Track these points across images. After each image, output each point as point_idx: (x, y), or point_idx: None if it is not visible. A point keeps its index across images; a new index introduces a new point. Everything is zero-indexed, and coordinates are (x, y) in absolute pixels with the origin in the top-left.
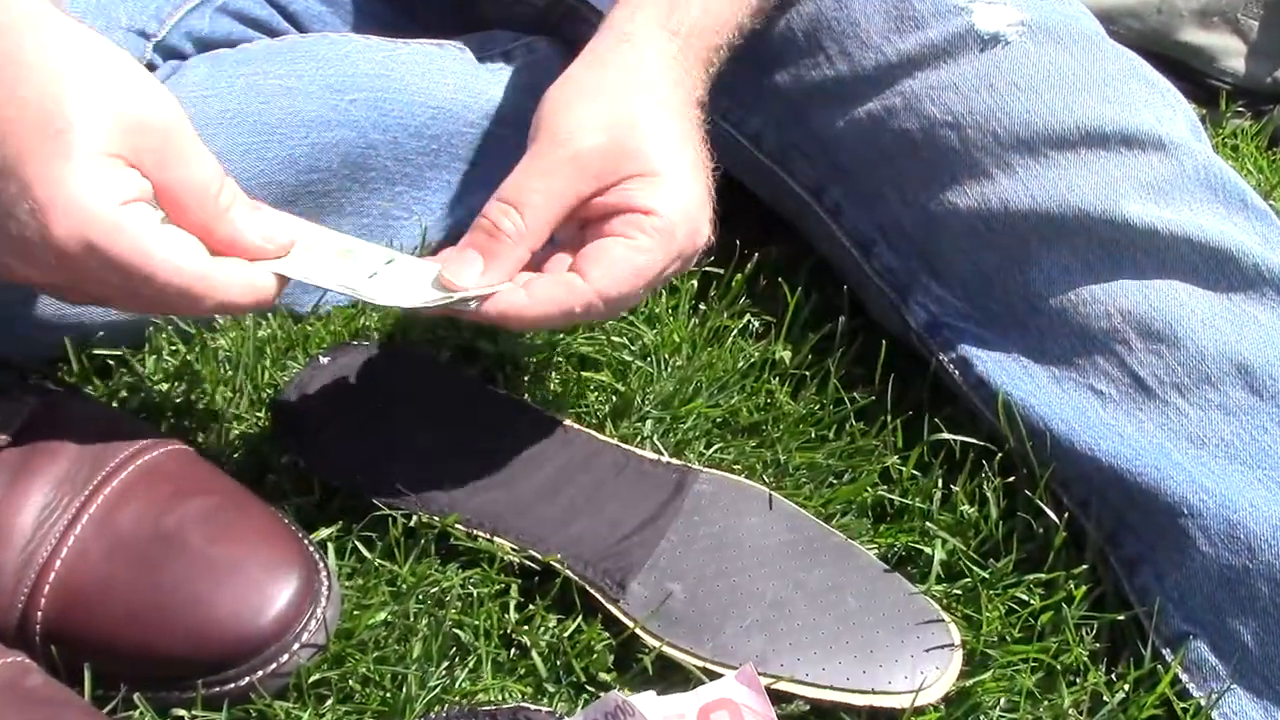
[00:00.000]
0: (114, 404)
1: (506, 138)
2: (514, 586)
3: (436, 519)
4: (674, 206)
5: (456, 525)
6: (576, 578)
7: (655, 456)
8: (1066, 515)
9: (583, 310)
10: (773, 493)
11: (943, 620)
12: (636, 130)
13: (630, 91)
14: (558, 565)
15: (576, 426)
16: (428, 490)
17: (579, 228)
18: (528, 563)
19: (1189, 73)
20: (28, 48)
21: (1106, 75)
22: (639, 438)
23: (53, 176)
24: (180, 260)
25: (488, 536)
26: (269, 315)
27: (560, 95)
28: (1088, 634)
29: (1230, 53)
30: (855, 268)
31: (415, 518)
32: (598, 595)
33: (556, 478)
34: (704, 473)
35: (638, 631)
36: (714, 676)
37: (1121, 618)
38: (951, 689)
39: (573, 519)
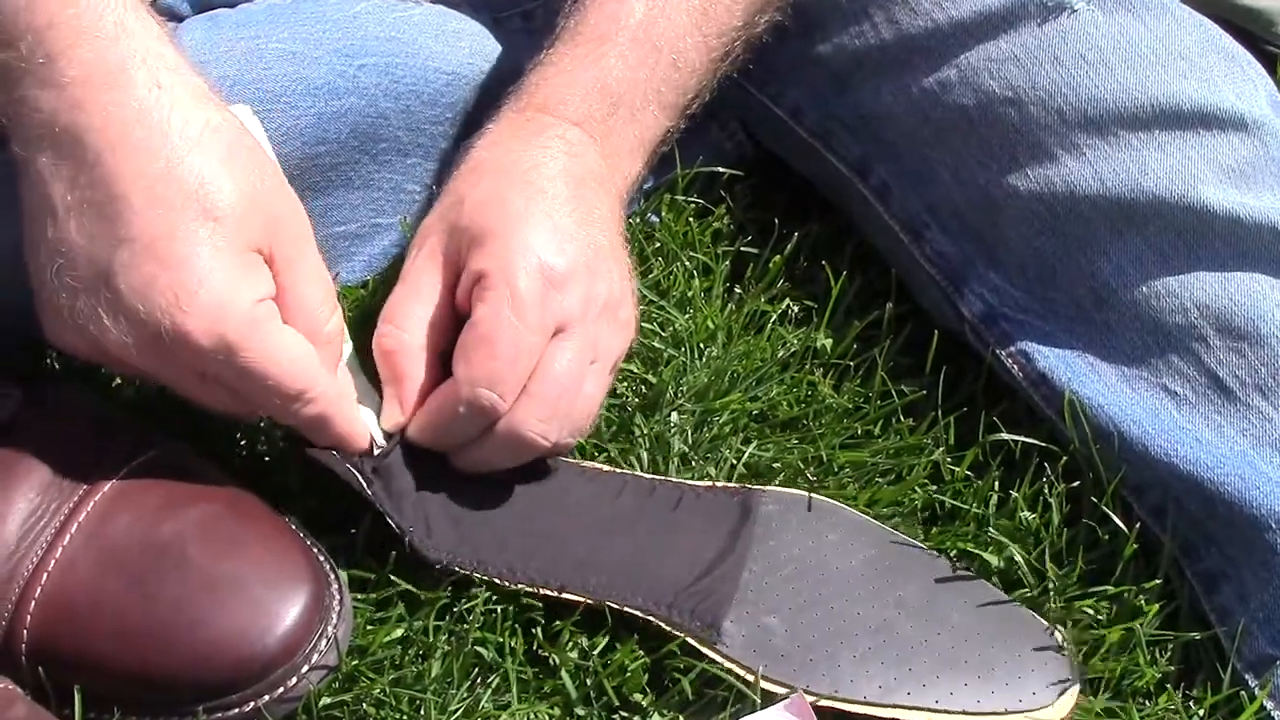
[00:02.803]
0: (106, 397)
1: None
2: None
3: (498, 580)
4: (503, 261)
5: (520, 586)
6: (662, 623)
7: (709, 484)
8: (1138, 525)
9: (470, 408)
10: (841, 504)
11: (1043, 625)
12: (463, 204)
13: (474, 175)
14: (639, 614)
15: (620, 471)
16: (481, 553)
17: None
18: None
19: (1245, 38)
20: (176, 124)
21: (1183, 47)
22: (670, 432)
23: (200, 265)
24: (305, 370)
25: (555, 593)
26: None
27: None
28: (1161, 654)
29: None
30: (904, 253)
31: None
32: (691, 640)
33: (613, 526)
34: (767, 491)
35: (742, 673)
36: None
37: (1198, 636)
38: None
39: (642, 563)
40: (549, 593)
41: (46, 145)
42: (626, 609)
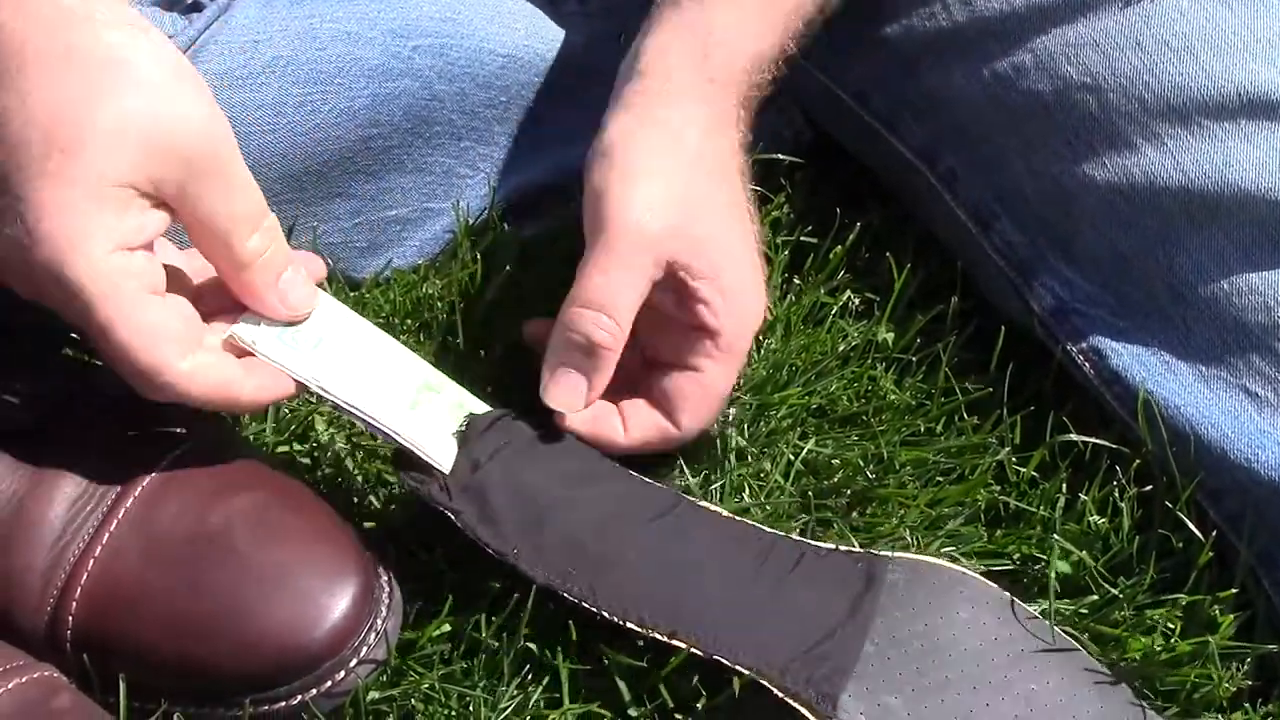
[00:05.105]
0: None
1: (583, 89)
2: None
3: (607, 614)
4: (738, 323)
5: (630, 625)
6: (775, 689)
7: (831, 546)
8: (1214, 532)
9: (676, 445)
10: (972, 574)
11: None
12: (699, 219)
13: (682, 167)
14: (750, 674)
15: (740, 520)
16: (595, 583)
17: None
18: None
19: None
20: (63, 42)
21: (1273, 34)
22: (726, 423)
23: (46, 202)
24: (158, 348)
25: (665, 638)
26: (325, 283)
27: (614, 177)
28: (1237, 669)
29: None
30: (971, 243)
31: None
32: (804, 710)
33: (731, 577)
34: (893, 558)
35: None
36: None
37: (1275, 649)
38: None
39: (759, 621)
40: (659, 637)
41: None
42: (737, 666)
